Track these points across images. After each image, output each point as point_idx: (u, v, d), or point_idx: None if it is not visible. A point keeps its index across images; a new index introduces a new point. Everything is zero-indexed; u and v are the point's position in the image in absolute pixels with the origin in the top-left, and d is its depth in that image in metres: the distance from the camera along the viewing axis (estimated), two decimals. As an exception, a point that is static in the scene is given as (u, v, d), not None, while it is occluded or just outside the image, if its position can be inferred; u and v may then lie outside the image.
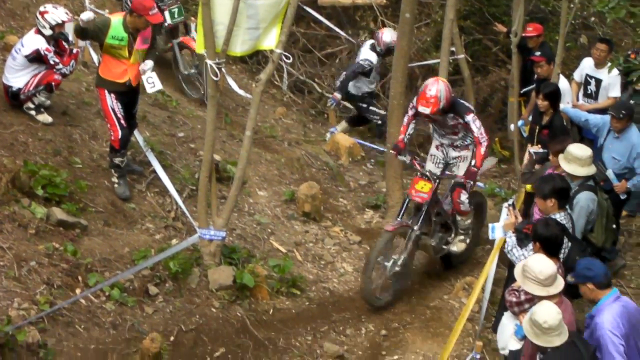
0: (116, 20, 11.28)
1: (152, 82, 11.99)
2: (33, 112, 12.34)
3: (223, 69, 10.78)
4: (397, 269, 11.08)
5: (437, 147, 11.54)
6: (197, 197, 11.24)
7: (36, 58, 12.14)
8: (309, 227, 12.72)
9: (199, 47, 11.02)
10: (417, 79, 16.75)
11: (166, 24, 14.71)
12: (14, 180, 10.63)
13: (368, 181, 14.56)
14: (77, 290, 9.84)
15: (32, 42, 12.15)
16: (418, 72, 17.13)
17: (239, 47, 11.10)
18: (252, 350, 10.12)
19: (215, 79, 10.65)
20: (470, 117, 10.90)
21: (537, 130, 12.03)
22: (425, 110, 10.72)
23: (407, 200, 11.24)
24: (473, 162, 11.07)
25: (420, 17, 17.66)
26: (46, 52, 12.09)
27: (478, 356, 9.97)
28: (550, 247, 8.65)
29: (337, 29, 17.80)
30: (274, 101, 16.78)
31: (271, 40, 11.20)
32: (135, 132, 12.15)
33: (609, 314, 8.14)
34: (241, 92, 14.95)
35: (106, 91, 11.41)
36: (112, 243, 10.75)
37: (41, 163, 11.30)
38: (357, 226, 13.19)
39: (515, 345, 8.51)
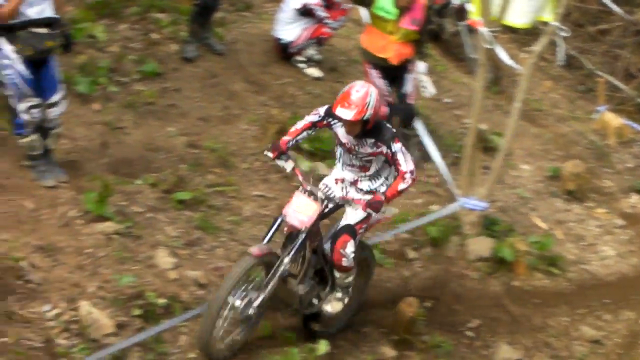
0: None
1: (424, 87, 11.50)
2: (303, 65, 12.53)
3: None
4: (250, 311, 7.79)
5: (336, 181, 8.47)
6: (461, 165, 11.05)
7: (305, 12, 12.29)
8: (571, 205, 12.29)
9: (474, 13, 10.79)
10: None
11: (452, 5, 14.52)
12: (281, 132, 10.73)
13: (635, 164, 13.94)
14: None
15: None
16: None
17: (519, 18, 10.83)
18: (507, 325, 9.86)
19: (488, 47, 10.43)
20: (398, 147, 7.99)
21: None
22: (346, 114, 7.75)
23: (279, 220, 8.04)
24: (383, 189, 8.17)
25: None
26: (314, 6, 12.19)
27: None
28: None
29: (612, 5, 17.12)
30: (541, 74, 16.32)
31: (548, 12, 10.84)
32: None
33: None
34: (511, 62, 14.61)
35: (367, 63, 11.23)
36: (372, 204, 10.71)
37: (308, 117, 11.40)
38: (622, 210, 12.62)
39: None
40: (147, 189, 9.41)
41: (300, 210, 7.90)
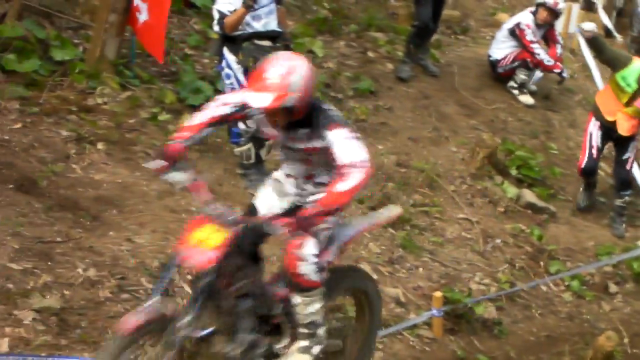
0: (637, 65, 10.63)
1: None
2: (515, 92, 12.51)
3: None
4: None
5: (287, 177, 6.09)
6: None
7: (515, 33, 12.35)
8: None
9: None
10: None
11: None
12: (491, 156, 10.78)
13: None
14: (537, 275, 9.80)
15: (519, 15, 12.43)
16: None
17: None
18: None
19: None
20: (336, 134, 5.47)
21: None
22: (258, 100, 5.34)
23: (174, 264, 5.57)
24: (311, 198, 5.82)
25: None
26: (524, 27, 12.22)
27: None
28: None
29: None
30: None
31: None
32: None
33: None
34: None
35: (594, 116, 10.99)
36: (577, 234, 10.61)
37: (518, 143, 11.40)
38: None
39: None
40: (353, 205, 9.56)
41: (203, 243, 5.32)
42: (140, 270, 7.46)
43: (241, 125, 9.01)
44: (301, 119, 5.54)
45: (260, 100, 5.31)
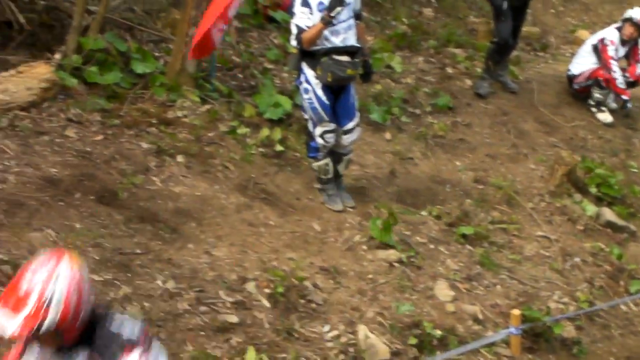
0: None
1: None
2: (594, 109, 12.37)
3: None
4: None
5: None
6: None
7: (598, 49, 12.21)
8: None
9: None
10: None
11: None
12: (570, 174, 10.65)
13: None
14: (617, 295, 9.64)
15: (604, 31, 12.30)
16: None
17: None
18: None
19: None
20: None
21: None
22: (6, 325, 3.71)
23: None
24: None
25: None
26: (607, 43, 12.07)
27: None
28: None
29: None
30: None
31: None
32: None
33: None
34: None
35: None
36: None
37: (597, 161, 11.25)
38: None
39: None
40: (431, 221, 9.52)
41: None
42: (219, 283, 7.50)
43: (319, 140, 9.00)
44: (79, 337, 3.98)
45: (7, 325, 3.78)
